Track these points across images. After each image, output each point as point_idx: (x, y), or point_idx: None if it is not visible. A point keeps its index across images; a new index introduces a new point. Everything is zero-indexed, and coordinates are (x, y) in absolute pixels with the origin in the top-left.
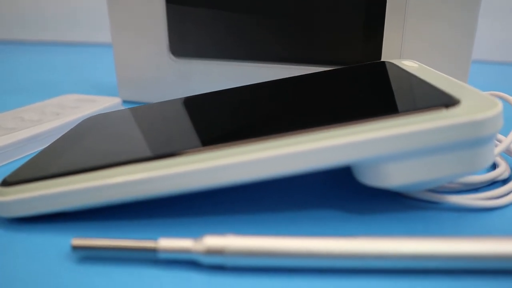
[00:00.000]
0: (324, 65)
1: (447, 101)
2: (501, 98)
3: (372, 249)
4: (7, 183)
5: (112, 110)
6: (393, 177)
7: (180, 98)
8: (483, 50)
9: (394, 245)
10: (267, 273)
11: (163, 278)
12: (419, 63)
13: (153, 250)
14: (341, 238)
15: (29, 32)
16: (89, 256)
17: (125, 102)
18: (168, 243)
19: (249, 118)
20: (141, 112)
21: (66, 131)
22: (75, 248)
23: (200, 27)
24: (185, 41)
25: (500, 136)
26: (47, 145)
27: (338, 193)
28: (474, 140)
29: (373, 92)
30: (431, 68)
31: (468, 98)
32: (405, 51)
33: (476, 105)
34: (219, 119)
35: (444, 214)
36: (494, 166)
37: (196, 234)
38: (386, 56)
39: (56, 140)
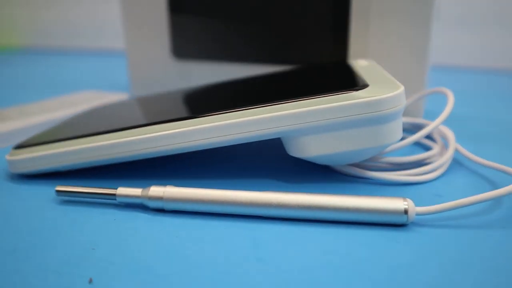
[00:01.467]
0: (300, 64)
1: (357, 86)
2: (444, 93)
3: (265, 199)
4: (18, 146)
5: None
6: (310, 149)
7: (173, 90)
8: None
9: (288, 197)
10: (194, 215)
11: (119, 215)
12: (372, 61)
13: (113, 195)
14: (246, 192)
15: (61, 39)
16: (69, 199)
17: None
18: (123, 191)
19: (214, 100)
20: (136, 100)
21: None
22: (58, 192)
23: (199, 32)
24: (186, 45)
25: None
26: None
27: (279, 167)
28: (374, 117)
29: (311, 83)
30: (376, 65)
31: (378, 85)
32: (370, 51)
33: (380, 89)
34: (191, 102)
35: (364, 186)
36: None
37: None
38: (353, 56)
39: (64, 121)
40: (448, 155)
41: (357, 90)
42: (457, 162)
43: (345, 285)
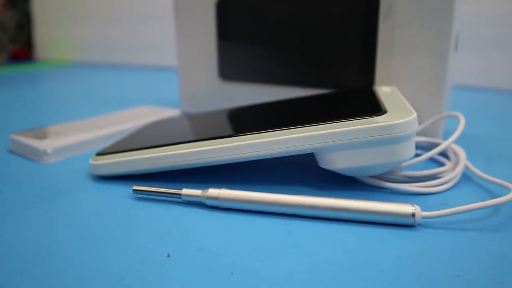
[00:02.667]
0: (332, 88)
1: (377, 112)
2: (457, 116)
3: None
4: (99, 154)
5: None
6: (337, 162)
7: (221, 109)
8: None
9: (308, 200)
10: (243, 212)
11: (183, 211)
12: (394, 88)
13: (179, 195)
14: (285, 195)
15: (116, 55)
16: (142, 196)
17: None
18: (187, 191)
19: (258, 120)
20: (190, 117)
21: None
22: (135, 191)
23: (243, 57)
24: (231, 68)
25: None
26: None
27: (312, 177)
28: (389, 138)
29: (340, 107)
30: (397, 92)
31: (395, 111)
32: (393, 78)
33: (396, 115)
34: (238, 121)
35: (382, 194)
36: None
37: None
38: (378, 82)
39: (132, 132)
40: (458, 170)
41: (377, 115)
42: (466, 178)
43: (361, 268)
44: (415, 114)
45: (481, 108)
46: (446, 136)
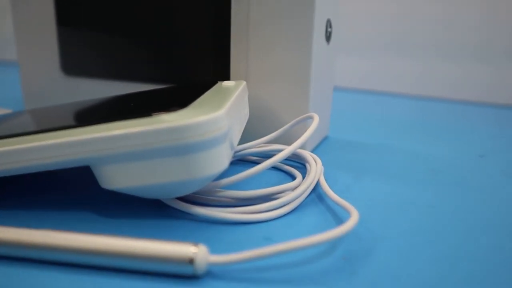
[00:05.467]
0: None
1: (173, 109)
2: (311, 117)
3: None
4: None
5: None
6: (116, 180)
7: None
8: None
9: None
10: None
11: None
12: (241, 83)
13: None
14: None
15: None
16: None
17: None
18: None
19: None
20: (20, 113)
21: None
22: None
23: (88, 48)
24: (75, 61)
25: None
26: None
27: (104, 199)
28: (180, 145)
29: (144, 103)
30: (237, 88)
31: (200, 108)
32: (251, 72)
33: (193, 113)
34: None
35: (192, 223)
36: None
37: None
38: (234, 77)
39: None
40: (300, 189)
41: (167, 113)
42: (318, 196)
43: None
44: (218, 113)
45: (401, 116)
46: (326, 146)
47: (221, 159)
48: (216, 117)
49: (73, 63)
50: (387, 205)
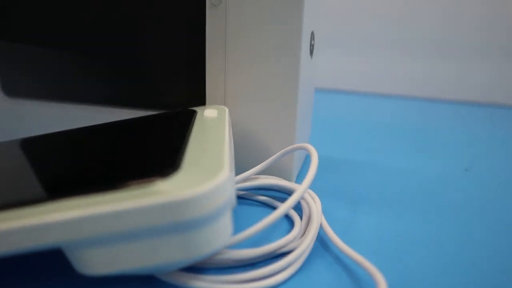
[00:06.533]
0: (152, 110)
1: (164, 171)
2: (307, 150)
3: None
4: None
5: None
6: (96, 266)
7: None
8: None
9: None
10: None
11: None
12: (222, 110)
13: None
14: None
15: None
16: None
17: None
18: None
19: None
20: None
21: None
22: None
23: (35, 65)
24: (19, 80)
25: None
26: None
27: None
28: (179, 224)
29: (122, 158)
30: (222, 118)
31: (197, 165)
32: (229, 92)
33: (191, 178)
34: None
35: None
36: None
37: None
38: (211, 99)
39: None
40: (305, 244)
41: (161, 178)
42: (321, 241)
43: None
44: (225, 174)
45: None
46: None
47: (227, 228)
48: (223, 182)
49: (15, 83)
50: (398, 245)
